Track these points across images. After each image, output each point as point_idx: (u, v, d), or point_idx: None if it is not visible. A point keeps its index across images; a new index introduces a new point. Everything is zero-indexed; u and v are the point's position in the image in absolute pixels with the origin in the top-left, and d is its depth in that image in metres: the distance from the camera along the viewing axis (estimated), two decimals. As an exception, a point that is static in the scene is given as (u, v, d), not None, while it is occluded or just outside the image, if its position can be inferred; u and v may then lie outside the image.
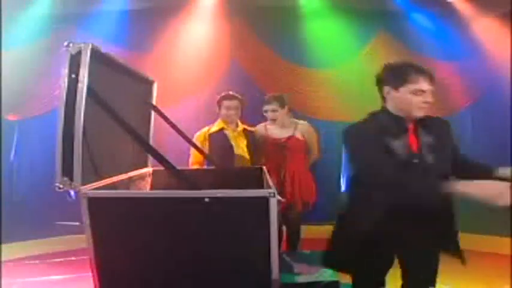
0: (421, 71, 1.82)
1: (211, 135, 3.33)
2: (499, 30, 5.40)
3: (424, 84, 1.81)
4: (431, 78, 1.83)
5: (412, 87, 1.80)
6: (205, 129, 3.40)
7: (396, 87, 1.85)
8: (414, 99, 1.81)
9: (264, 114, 3.47)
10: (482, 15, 5.53)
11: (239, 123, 3.43)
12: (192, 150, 3.23)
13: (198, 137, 3.35)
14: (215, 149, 3.26)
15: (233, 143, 3.33)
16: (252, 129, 3.50)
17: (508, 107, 5.31)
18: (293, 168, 3.39)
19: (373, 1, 5.59)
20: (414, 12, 5.79)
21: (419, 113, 1.83)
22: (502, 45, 5.32)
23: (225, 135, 3.34)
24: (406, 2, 5.69)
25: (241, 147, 3.34)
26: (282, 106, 3.43)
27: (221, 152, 3.24)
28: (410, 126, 1.86)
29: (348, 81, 5.29)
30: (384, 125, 1.86)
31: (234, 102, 3.35)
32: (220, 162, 3.05)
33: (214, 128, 3.38)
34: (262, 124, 3.54)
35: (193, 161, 3.29)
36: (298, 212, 3.43)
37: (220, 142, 3.30)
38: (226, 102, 3.34)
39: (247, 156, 3.34)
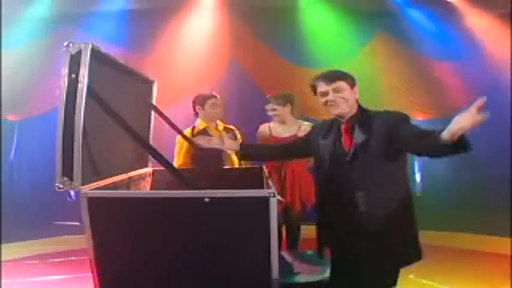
0: (318, 76, 2.05)
1: (196, 136, 3.30)
2: (499, 30, 5.40)
3: (322, 87, 2.02)
4: (327, 79, 2.01)
5: (318, 91, 2.05)
6: (189, 129, 3.36)
7: (316, 94, 2.10)
8: (322, 100, 2.04)
9: (268, 113, 3.49)
10: (482, 15, 5.53)
11: (219, 123, 3.42)
12: (178, 151, 3.24)
13: (181, 138, 3.28)
14: (202, 149, 3.23)
15: None
16: (232, 127, 3.49)
17: (508, 107, 5.31)
18: (293, 168, 3.39)
19: (373, 1, 5.60)
20: (414, 12, 5.79)
21: (333, 111, 2.02)
22: (502, 45, 5.33)
23: (210, 135, 3.33)
24: (405, 2, 5.70)
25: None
26: (283, 104, 3.43)
27: (209, 152, 3.21)
28: (344, 126, 2.02)
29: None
30: (317, 127, 2.20)
31: (219, 100, 3.34)
32: (208, 162, 3.05)
33: (198, 128, 3.35)
34: (266, 124, 3.54)
35: (180, 163, 3.25)
36: (298, 212, 3.43)
37: None
38: (211, 101, 3.31)
39: (233, 155, 3.32)
